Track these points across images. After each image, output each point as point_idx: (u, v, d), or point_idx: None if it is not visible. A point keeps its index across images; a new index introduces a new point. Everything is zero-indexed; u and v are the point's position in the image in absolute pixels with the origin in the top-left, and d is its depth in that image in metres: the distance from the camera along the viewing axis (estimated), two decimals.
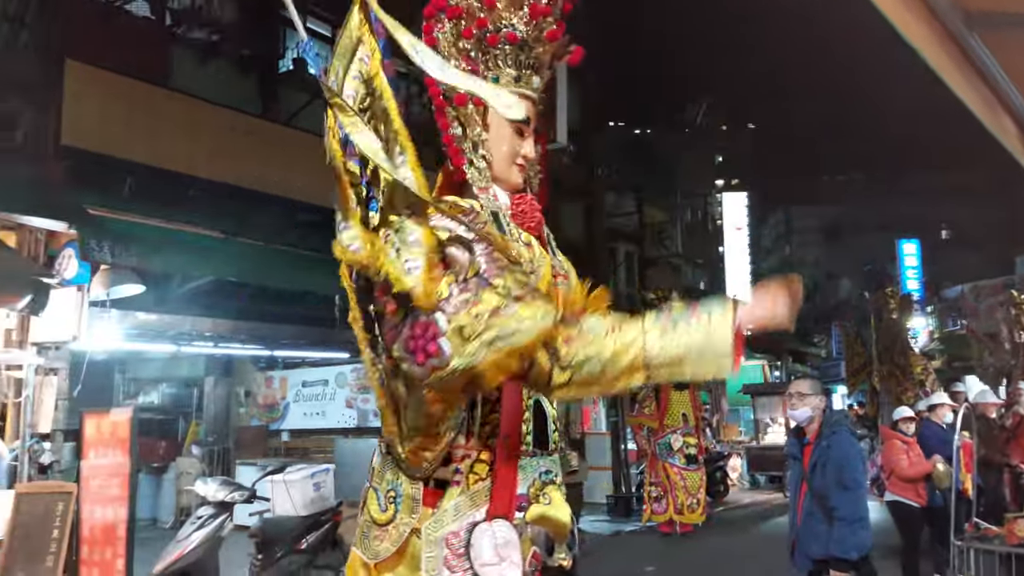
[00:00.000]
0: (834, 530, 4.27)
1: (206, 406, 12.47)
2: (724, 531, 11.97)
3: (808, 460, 4.55)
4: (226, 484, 6.81)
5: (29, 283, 6.45)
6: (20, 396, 6.87)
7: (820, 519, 4.37)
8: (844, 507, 4.28)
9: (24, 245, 7.38)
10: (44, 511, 6.16)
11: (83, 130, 8.94)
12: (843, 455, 4.37)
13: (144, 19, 10.99)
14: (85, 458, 6.50)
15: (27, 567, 5.98)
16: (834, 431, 4.46)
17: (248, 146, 10.01)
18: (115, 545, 6.18)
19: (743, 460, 18.48)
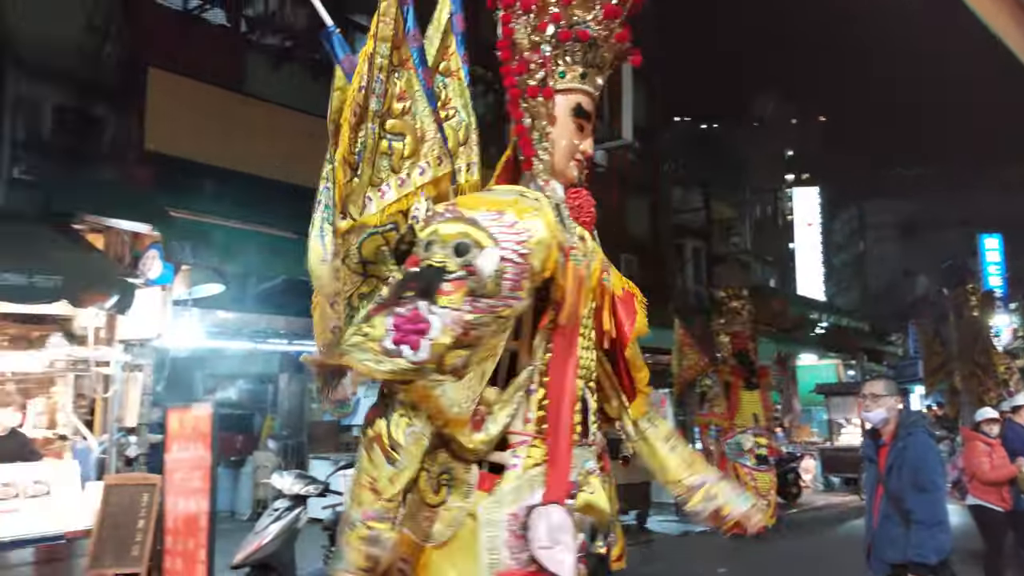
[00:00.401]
0: (911, 534, 4.18)
1: (280, 401, 12.78)
2: (797, 533, 11.76)
3: (884, 462, 4.46)
4: (301, 478, 6.97)
5: (116, 283, 6.71)
6: (108, 391, 7.16)
7: (897, 522, 4.29)
8: (921, 510, 4.19)
9: (111, 247, 7.70)
10: (130, 502, 6.42)
11: (165, 135, 9.29)
12: (919, 457, 4.28)
13: (220, 27, 11.33)
14: (169, 452, 6.73)
15: (115, 555, 6.24)
16: (910, 432, 4.37)
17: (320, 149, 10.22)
18: (197, 536, 6.38)
19: (817, 462, 18.09)
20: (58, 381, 7.51)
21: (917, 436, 4.34)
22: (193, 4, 10.85)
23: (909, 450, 4.30)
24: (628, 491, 11.41)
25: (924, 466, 4.25)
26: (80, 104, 9.20)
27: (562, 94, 2.45)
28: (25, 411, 7.64)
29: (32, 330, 7.50)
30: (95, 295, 6.59)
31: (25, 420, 7.58)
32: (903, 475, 4.29)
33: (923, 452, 4.29)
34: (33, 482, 6.32)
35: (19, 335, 7.55)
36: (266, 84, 11.30)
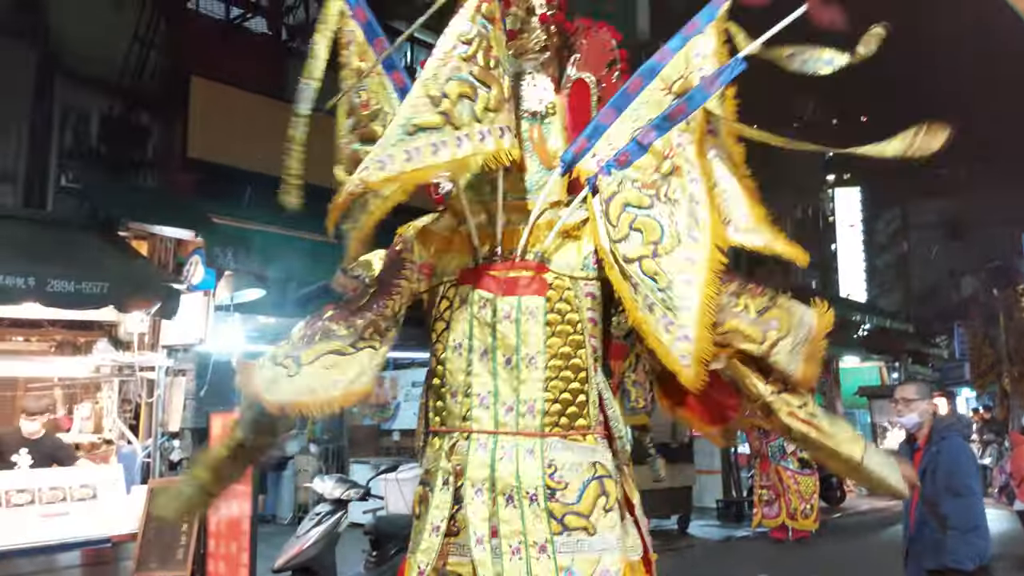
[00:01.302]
0: (947, 539, 4.10)
1: None
2: (839, 538, 11.58)
3: (918, 467, 4.39)
4: (342, 482, 7.01)
5: (160, 289, 6.82)
6: (152, 396, 7.27)
7: (932, 528, 4.22)
8: (956, 515, 4.12)
9: (155, 253, 7.82)
10: None
11: (207, 143, 9.41)
12: (953, 461, 4.20)
13: (261, 35, 11.48)
14: None
15: (160, 559, 6.32)
16: (943, 436, 4.29)
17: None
18: (240, 539, 6.45)
19: None
20: (104, 386, 7.64)
21: (950, 440, 4.27)
22: (235, 13, 11.00)
23: (942, 454, 4.23)
24: (670, 495, 11.33)
25: (957, 470, 4.18)
26: (125, 113, 9.37)
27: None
28: (72, 416, 7.80)
29: (79, 336, 7.65)
30: (140, 301, 6.70)
31: (72, 425, 7.74)
32: (937, 480, 4.22)
33: (956, 456, 4.21)
34: (80, 486, 6.42)
35: (66, 341, 7.71)
36: None
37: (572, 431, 2.31)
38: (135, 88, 9.37)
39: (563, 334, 2.32)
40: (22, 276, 6.00)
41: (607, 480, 2.30)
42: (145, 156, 9.56)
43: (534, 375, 2.29)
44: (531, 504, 2.21)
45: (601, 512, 2.25)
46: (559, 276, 2.35)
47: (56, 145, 9.06)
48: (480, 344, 2.31)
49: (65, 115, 9.16)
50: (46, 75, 9.01)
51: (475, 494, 2.25)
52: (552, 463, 2.25)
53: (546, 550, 2.18)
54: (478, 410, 2.30)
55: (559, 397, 2.31)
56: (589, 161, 2.38)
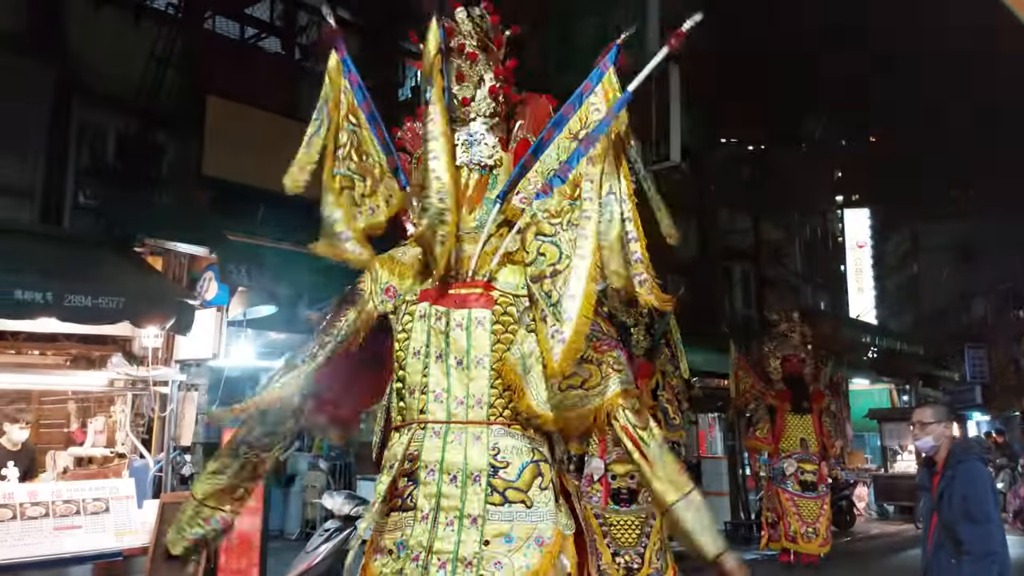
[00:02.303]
0: (963, 565, 4.09)
1: None
2: (849, 562, 11.51)
3: (936, 490, 4.39)
4: (351, 498, 7.05)
5: (175, 304, 6.90)
6: (165, 410, 7.34)
7: (949, 552, 4.20)
8: (972, 541, 4.09)
9: (170, 269, 7.92)
10: None
11: (222, 161, 9.52)
12: (969, 486, 4.17)
13: (275, 55, 11.63)
14: None
15: (171, 572, 6.35)
16: (961, 460, 4.27)
17: None
18: (250, 554, 6.49)
19: (870, 489, 17.69)
20: (117, 400, 7.71)
21: (968, 464, 4.24)
22: (250, 33, 11.15)
23: (959, 479, 4.21)
24: None
25: (974, 495, 4.15)
26: (141, 131, 9.49)
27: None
28: (85, 429, 7.86)
29: (94, 350, 7.73)
30: (155, 316, 6.78)
31: (85, 438, 7.80)
32: (954, 504, 4.20)
33: (973, 481, 4.18)
34: (93, 499, 6.48)
35: (81, 355, 7.79)
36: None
37: (513, 423, 2.68)
38: (151, 106, 9.49)
39: (506, 340, 2.71)
40: (40, 291, 6.09)
41: (543, 464, 2.68)
42: (161, 173, 9.67)
43: (482, 374, 2.68)
44: (473, 483, 2.59)
45: (537, 489, 2.63)
46: (503, 294, 2.78)
47: (73, 162, 9.18)
48: (436, 349, 2.72)
49: (82, 133, 9.28)
50: (64, 93, 9.14)
51: (427, 475, 2.62)
52: (496, 446, 2.64)
53: (476, 522, 2.55)
54: (432, 404, 2.68)
55: (502, 393, 2.67)
56: (515, 199, 2.88)
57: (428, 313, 2.75)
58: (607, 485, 7.15)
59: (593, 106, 2.85)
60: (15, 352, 7.49)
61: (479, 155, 2.95)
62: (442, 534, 2.53)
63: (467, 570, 2.49)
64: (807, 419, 11.00)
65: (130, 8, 10.02)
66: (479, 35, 3.11)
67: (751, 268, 21.45)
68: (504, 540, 2.54)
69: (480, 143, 2.98)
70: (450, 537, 2.52)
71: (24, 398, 8.23)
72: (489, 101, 3.03)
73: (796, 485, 10.84)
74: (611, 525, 7.16)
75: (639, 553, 7.07)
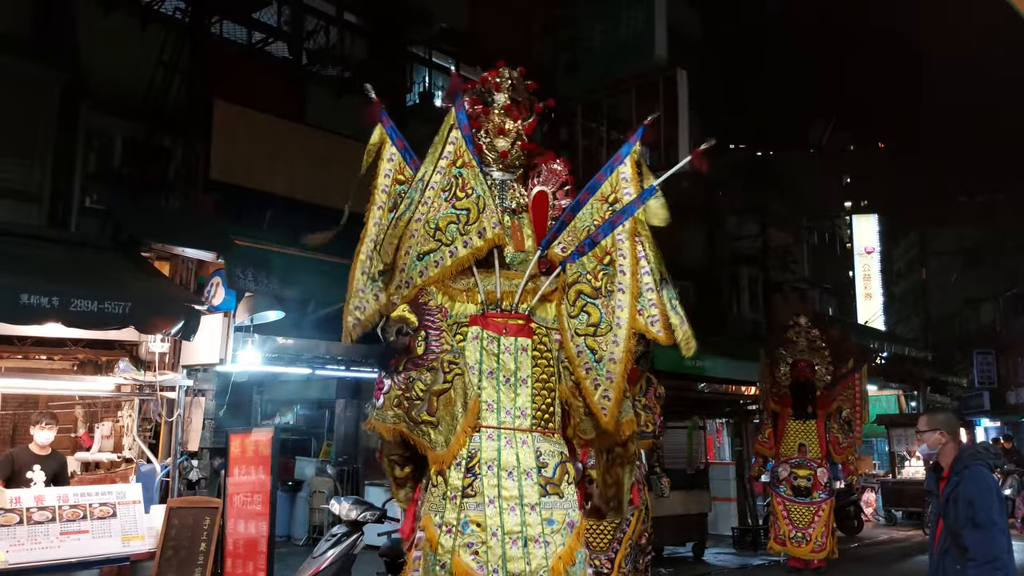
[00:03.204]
0: (968, 570, 4.05)
1: (337, 427, 12.90)
2: (856, 567, 11.44)
3: (942, 495, 4.36)
4: (358, 504, 7.02)
5: (182, 309, 6.87)
6: (172, 416, 7.31)
7: (954, 558, 4.18)
8: (975, 547, 4.06)
9: (176, 274, 7.90)
10: (193, 524, 6.53)
11: (229, 165, 9.53)
12: (973, 491, 4.14)
13: (283, 60, 11.63)
14: (230, 475, 6.84)
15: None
16: (966, 465, 4.23)
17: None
18: (257, 559, 6.46)
19: (878, 495, 17.59)
20: (124, 405, 7.69)
21: (972, 470, 4.20)
22: (256, 38, 11.16)
23: (963, 484, 4.18)
24: (685, 522, 11.25)
25: (977, 501, 4.12)
26: (149, 135, 9.50)
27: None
28: (92, 434, 7.85)
29: (101, 355, 7.71)
30: (162, 321, 6.76)
31: (92, 443, 7.79)
32: (959, 509, 4.19)
33: (976, 487, 4.14)
34: (100, 504, 6.47)
35: (88, 360, 7.77)
36: (326, 114, 11.55)
37: (546, 430, 3.43)
38: (159, 111, 9.50)
39: (542, 365, 3.44)
40: (46, 296, 6.07)
41: (568, 463, 3.45)
42: (168, 178, 9.67)
43: (524, 391, 3.40)
44: (527, 478, 3.31)
45: (566, 484, 3.41)
46: (540, 326, 3.48)
47: (80, 166, 9.18)
48: (487, 367, 3.38)
49: (89, 137, 9.29)
50: (71, 98, 9.15)
51: (486, 469, 3.30)
52: (539, 450, 3.37)
53: (536, 508, 3.29)
54: (486, 413, 3.36)
55: (540, 406, 3.41)
56: (556, 248, 3.54)
57: (481, 336, 3.39)
58: (583, 489, 7.08)
59: (623, 179, 3.48)
60: (22, 357, 7.48)
61: (510, 201, 3.61)
62: (508, 518, 3.24)
63: (535, 546, 3.23)
64: (810, 424, 10.93)
65: (137, 13, 10.05)
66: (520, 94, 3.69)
67: (759, 274, 21.38)
68: (547, 523, 3.28)
69: (510, 190, 3.62)
70: (515, 519, 3.24)
71: (33, 403, 8.23)
72: (522, 156, 3.65)
73: (788, 490, 10.77)
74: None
75: (609, 558, 7.06)
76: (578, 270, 3.39)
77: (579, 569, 3.33)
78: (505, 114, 3.62)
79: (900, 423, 18.28)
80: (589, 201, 3.48)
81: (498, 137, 3.60)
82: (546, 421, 3.39)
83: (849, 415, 11.24)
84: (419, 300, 3.45)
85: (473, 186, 3.46)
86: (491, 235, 3.40)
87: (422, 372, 3.34)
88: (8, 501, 5.96)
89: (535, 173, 3.74)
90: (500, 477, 3.27)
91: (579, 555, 3.34)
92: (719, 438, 16.31)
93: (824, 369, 11.05)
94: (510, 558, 3.19)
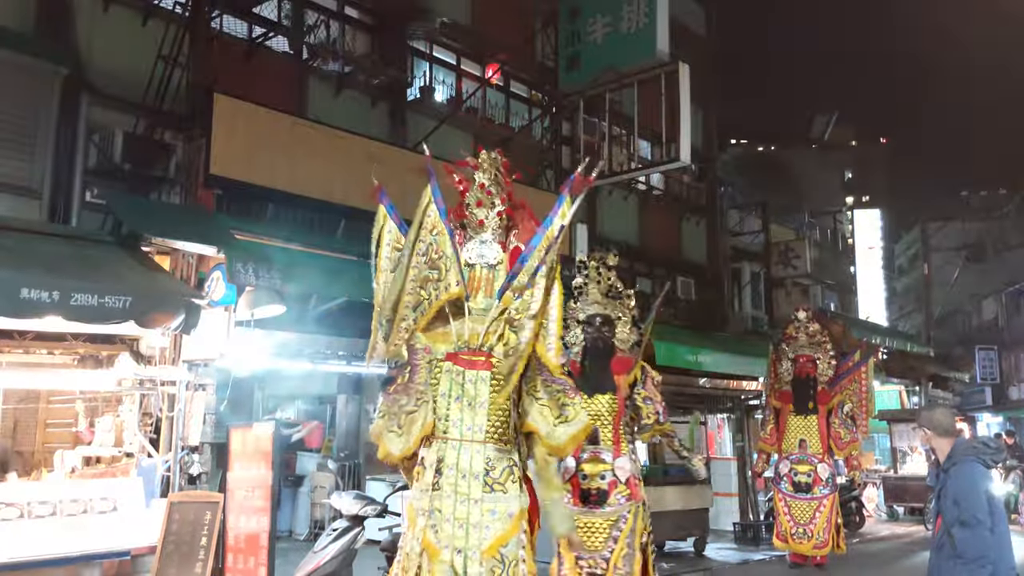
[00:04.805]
0: (955, 567, 4.04)
1: (338, 422, 12.88)
2: (858, 563, 11.42)
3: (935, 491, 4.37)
4: (359, 498, 7.01)
5: (182, 304, 6.86)
6: (172, 410, 7.31)
7: (948, 554, 4.17)
8: (963, 544, 4.05)
9: (177, 268, 7.89)
10: (194, 519, 6.53)
11: (229, 160, 9.50)
12: (960, 488, 4.11)
13: (283, 55, 11.61)
14: (231, 470, 6.84)
15: (179, 572, 6.34)
16: (955, 462, 4.20)
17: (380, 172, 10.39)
18: (258, 554, 6.46)
19: (879, 490, 17.59)
20: (125, 400, 7.69)
21: (961, 467, 4.16)
22: (257, 33, 11.13)
23: (950, 481, 4.16)
24: (687, 518, 11.24)
25: (963, 498, 4.09)
26: (149, 130, 9.48)
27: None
28: (93, 428, 7.85)
29: (102, 349, 7.71)
30: (162, 316, 6.75)
31: (93, 437, 7.79)
32: (947, 506, 4.17)
33: (963, 484, 4.10)
34: (100, 498, 6.47)
35: (89, 354, 7.77)
36: (327, 109, 11.53)
37: (499, 442, 4.29)
38: (159, 105, 9.47)
39: (497, 391, 4.28)
40: (46, 290, 6.06)
41: (514, 467, 4.31)
42: (168, 172, 9.63)
43: (481, 411, 4.29)
44: (475, 479, 4.23)
45: (510, 483, 4.27)
46: (498, 360, 4.30)
47: (81, 161, 9.16)
48: (455, 393, 4.31)
49: (90, 132, 9.26)
50: (72, 92, 9.13)
51: (448, 471, 4.25)
52: (488, 457, 4.27)
53: (479, 502, 4.21)
54: (452, 429, 4.30)
55: (494, 423, 4.29)
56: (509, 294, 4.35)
57: (452, 369, 4.31)
58: (577, 485, 6.91)
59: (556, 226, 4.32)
60: (23, 351, 7.48)
61: (487, 258, 4.42)
62: (459, 508, 4.20)
63: (474, 530, 4.18)
64: (811, 420, 10.88)
65: (138, 8, 10.02)
66: (494, 172, 4.51)
67: (761, 269, 21.36)
68: (491, 513, 4.21)
69: (489, 249, 4.44)
70: (464, 510, 4.20)
71: (34, 398, 8.24)
72: (498, 220, 4.47)
73: (789, 486, 10.73)
74: (578, 528, 6.75)
75: (604, 558, 6.77)
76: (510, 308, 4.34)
77: (510, 551, 4.20)
78: (480, 191, 4.48)
79: (902, 418, 18.28)
80: (533, 252, 4.32)
81: (478, 208, 4.47)
82: (500, 435, 4.28)
83: (852, 409, 11.20)
84: (411, 341, 4.43)
85: (443, 250, 4.36)
86: (453, 291, 4.31)
87: (402, 396, 4.37)
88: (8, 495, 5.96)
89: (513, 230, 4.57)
90: (457, 477, 4.23)
91: (514, 539, 4.20)
92: (720, 433, 16.29)
93: (826, 364, 11.01)
94: (455, 537, 4.17)
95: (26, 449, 8.38)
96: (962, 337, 33.35)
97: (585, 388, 7.11)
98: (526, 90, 15.77)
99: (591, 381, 7.08)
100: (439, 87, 14.16)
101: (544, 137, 15.53)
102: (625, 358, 7.24)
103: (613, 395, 7.05)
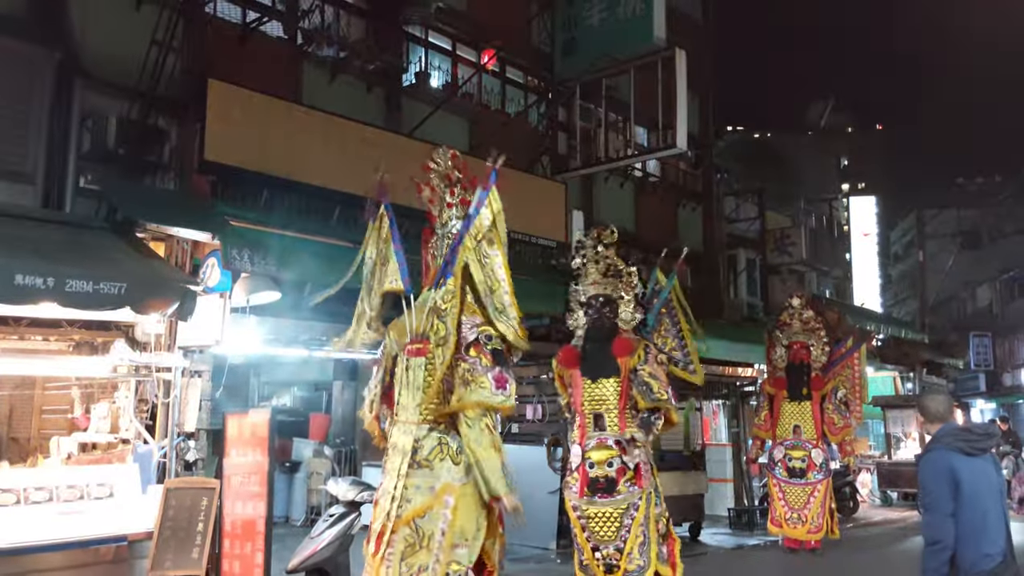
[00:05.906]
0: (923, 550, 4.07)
1: (334, 409, 12.91)
2: (852, 548, 11.50)
3: None
4: (356, 484, 7.03)
5: (177, 290, 6.85)
6: (168, 397, 7.30)
7: None
8: (923, 528, 4.09)
9: (172, 254, 7.88)
10: (190, 505, 6.54)
11: (224, 146, 9.46)
12: (922, 475, 4.08)
13: (278, 39, 11.54)
14: (227, 456, 6.84)
15: (175, 558, 6.36)
16: (928, 449, 4.20)
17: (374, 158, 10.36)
18: (254, 540, 6.47)
19: (873, 476, 17.68)
20: (121, 386, 7.68)
21: (930, 453, 4.15)
22: (251, 17, 11.06)
23: (920, 467, 4.17)
24: (682, 503, 11.29)
25: (922, 486, 4.10)
26: (143, 115, 9.42)
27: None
28: (89, 415, 7.85)
29: (97, 336, 7.70)
30: (159, 302, 6.73)
31: (89, 424, 7.79)
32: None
33: (925, 470, 4.07)
34: (97, 484, 6.48)
35: (84, 341, 7.76)
36: (322, 95, 11.47)
37: (432, 422, 4.80)
38: (153, 91, 9.40)
39: (432, 374, 4.80)
40: (41, 276, 6.04)
41: (443, 444, 4.75)
42: (163, 158, 9.58)
43: (418, 395, 4.83)
44: (404, 457, 4.77)
45: (437, 460, 4.73)
46: (432, 347, 4.82)
47: (75, 147, 9.09)
48: (403, 379, 4.91)
49: (84, 117, 9.20)
50: (65, 78, 9.07)
51: (391, 451, 4.91)
52: (417, 436, 4.78)
53: (403, 477, 4.73)
54: (401, 412, 4.92)
55: (427, 406, 4.80)
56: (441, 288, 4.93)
57: (403, 358, 4.95)
58: (585, 474, 6.78)
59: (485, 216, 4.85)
60: (18, 338, 7.46)
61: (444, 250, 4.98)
62: (389, 482, 4.80)
63: (395, 503, 4.69)
64: (805, 406, 10.95)
65: None
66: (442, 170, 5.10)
67: (756, 256, 21.36)
68: (415, 488, 4.69)
69: (442, 243, 5.02)
70: (391, 483, 4.77)
71: (30, 384, 8.22)
72: (449, 213, 5.03)
73: (784, 471, 10.83)
74: (588, 518, 6.76)
75: (618, 548, 6.63)
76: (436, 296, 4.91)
77: (426, 522, 4.64)
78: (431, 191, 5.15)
79: (896, 404, 18.35)
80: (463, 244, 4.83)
81: (432, 206, 5.14)
82: (432, 415, 4.78)
83: (846, 395, 11.26)
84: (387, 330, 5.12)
85: (389, 256, 5.03)
86: (387, 286, 4.99)
87: (378, 374, 5.18)
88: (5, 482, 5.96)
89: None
90: (394, 455, 4.83)
91: (432, 512, 4.63)
92: (716, 419, 16.35)
93: (820, 350, 11.06)
94: (383, 508, 4.76)
95: (22, 436, 8.37)
96: (956, 324, 33.46)
97: (588, 373, 7.05)
98: (522, 76, 15.70)
99: (593, 365, 6.99)
100: (435, 73, 14.08)
101: (540, 123, 15.49)
102: (626, 340, 7.06)
103: (617, 379, 6.90)
